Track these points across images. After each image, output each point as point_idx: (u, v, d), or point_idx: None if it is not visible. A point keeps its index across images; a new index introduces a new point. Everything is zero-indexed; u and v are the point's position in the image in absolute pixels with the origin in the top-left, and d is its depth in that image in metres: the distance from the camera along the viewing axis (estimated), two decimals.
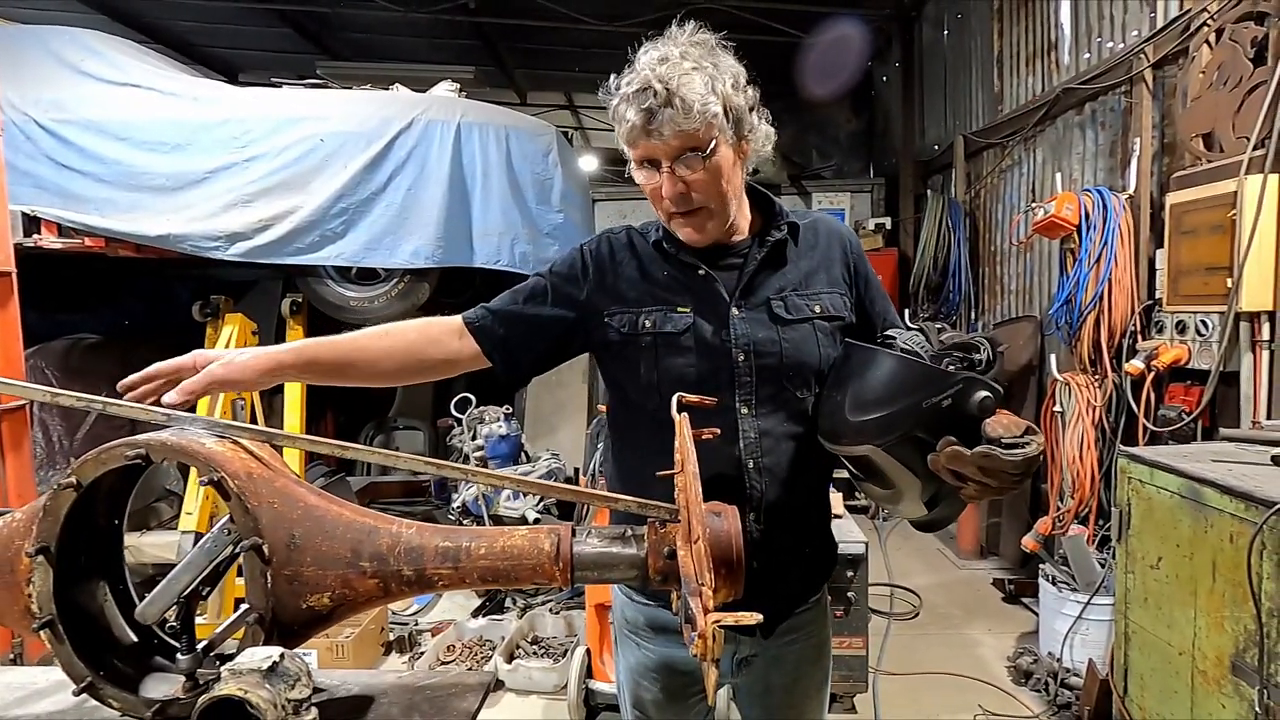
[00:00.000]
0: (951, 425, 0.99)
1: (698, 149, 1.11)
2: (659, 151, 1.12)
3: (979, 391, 0.99)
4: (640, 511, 0.92)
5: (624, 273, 1.26)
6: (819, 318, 1.23)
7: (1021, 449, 0.95)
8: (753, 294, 1.22)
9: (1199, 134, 2.74)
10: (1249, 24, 2.55)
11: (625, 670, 1.39)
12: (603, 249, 1.29)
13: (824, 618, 1.38)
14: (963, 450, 0.97)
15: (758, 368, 1.19)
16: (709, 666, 0.71)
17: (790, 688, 1.33)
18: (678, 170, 1.12)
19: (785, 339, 1.20)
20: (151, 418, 0.97)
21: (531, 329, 1.26)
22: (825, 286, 1.26)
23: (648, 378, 1.21)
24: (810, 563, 1.33)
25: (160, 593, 0.91)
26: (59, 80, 3.51)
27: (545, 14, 5.71)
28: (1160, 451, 2.26)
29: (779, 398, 1.20)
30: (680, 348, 1.20)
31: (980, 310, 5.04)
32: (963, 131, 5.11)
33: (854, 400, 1.11)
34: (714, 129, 1.10)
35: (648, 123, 1.09)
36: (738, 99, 1.13)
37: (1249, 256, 2.44)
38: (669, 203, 1.16)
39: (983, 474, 0.97)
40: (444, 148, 3.69)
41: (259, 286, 4.23)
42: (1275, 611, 1.67)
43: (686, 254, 1.23)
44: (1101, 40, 3.60)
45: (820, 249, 1.28)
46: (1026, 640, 3.33)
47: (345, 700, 1.02)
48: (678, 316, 1.21)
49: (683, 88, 1.07)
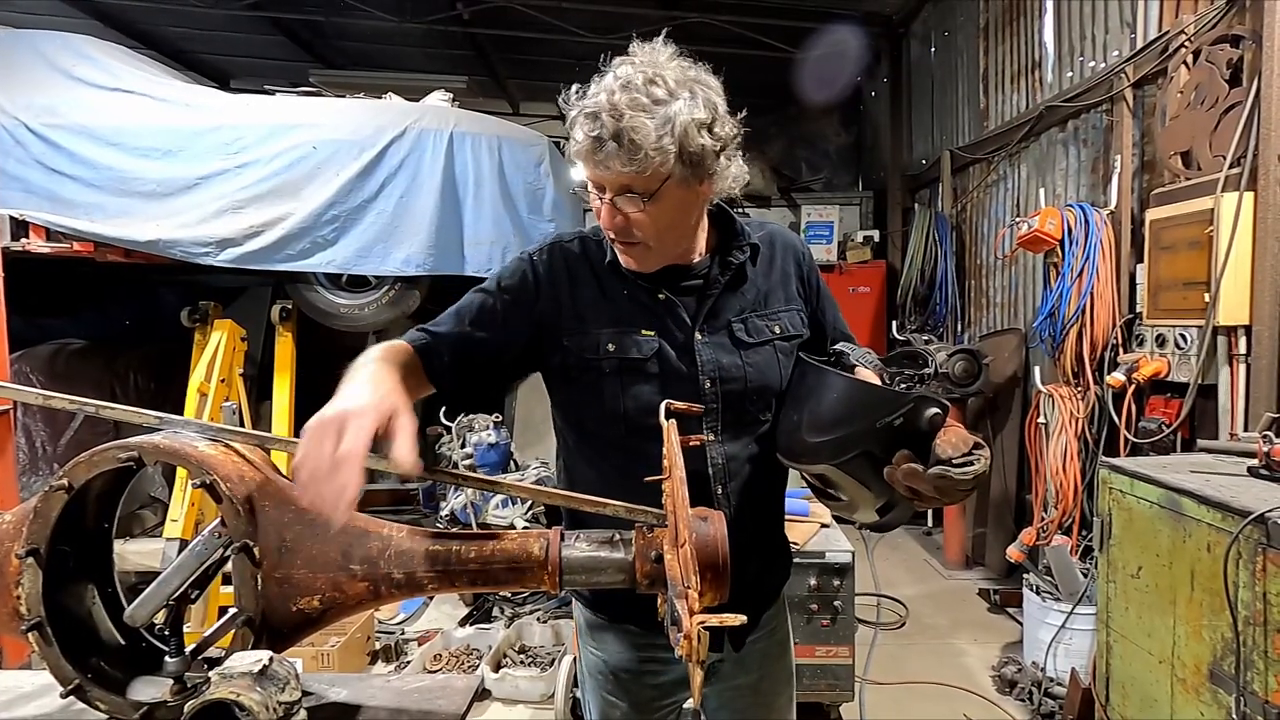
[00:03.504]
0: (904, 440, 1.04)
1: (638, 191, 1.05)
2: (603, 180, 1.07)
3: (929, 409, 1.03)
4: (628, 517, 0.94)
5: (580, 292, 1.19)
6: (779, 338, 1.23)
7: (971, 466, 1.01)
8: (715, 318, 1.19)
9: (1177, 152, 2.80)
10: (1225, 46, 2.62)
11: (591, 686, 1.38)
12: (555, 263, 1.21)
13: (783, 614, 1.40)
14: (918, 469, 1.01)
15: (723, 394, 1.18)
16: (694, 667, 0.72)
17: (757, 685, 1.35)
18: (618, 203, 1.07)
19: (749, 363, 1.19)
20: (142, 420, 0.98)
21: (478, 354, 1.17)
22: (783, 305, 1.26)
23: (612, 405, 1.16)
24: (773, 571, 1.36)
25: (150, 595, 0.92)
26: (50, 85, 3.51)
27: (539, 25, 5.75)
28: (1140, 462, 2.30)
29: (742, 421, 1.21)
30: (646, 374, 1.16)
31: (966, 323, 5.10)
32: (949, 147, 5.19)
33: (810, 422, 1.14)
34: (661, 175, 1.03)
35: (594, 151, 1.03)
36: (701, 140, 1.03)
37: (1225, 272, 2.50)
38: (608, 230, 1.12)
39: (938, 492, 1.02)
40: (436, 157, 3.70)
41: (248, 293, 4.22)
42: (1251, 620, 1.70)
43: (644, 276, 1.17)
44: (1084, 60, 3.68)
45: (777, 265, 1.27)
46: (1011, 650, 3.35)
47: (333, 704, 1.02)
48: (642, 341, 1.16)
49: (632, 128, 0.99)
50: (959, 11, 5.12)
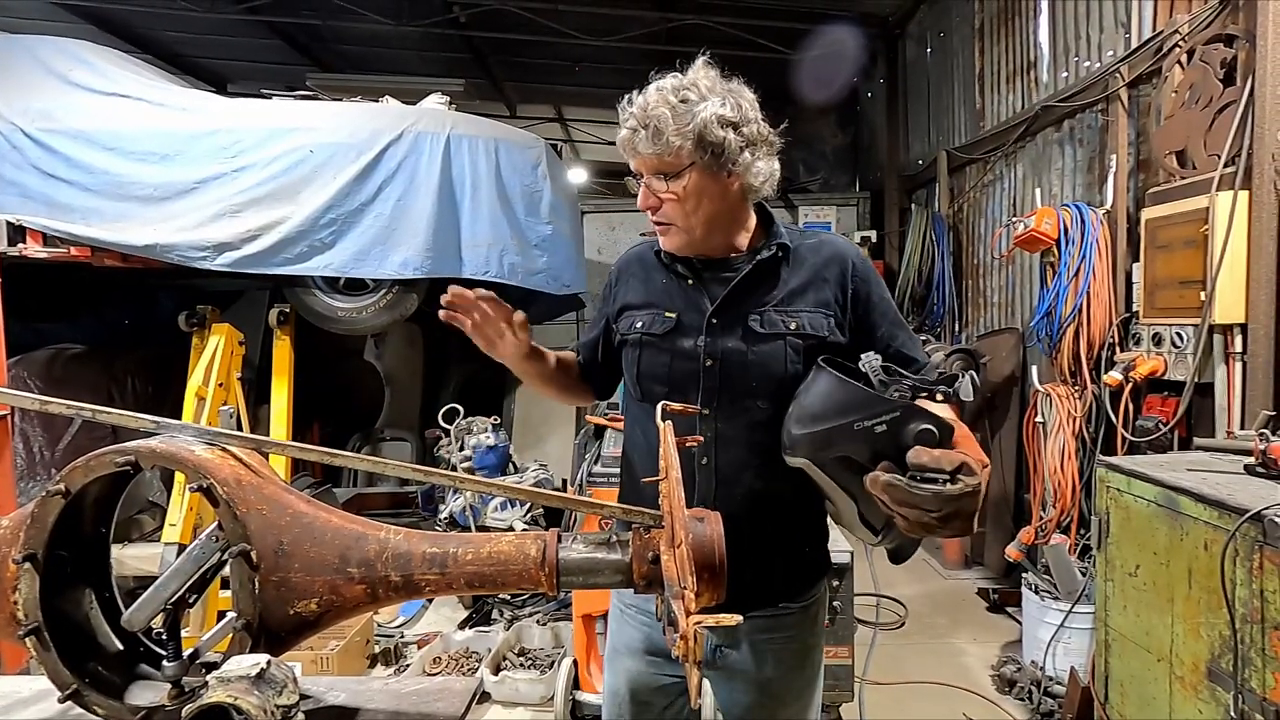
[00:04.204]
0: (896, 453, 1.00)
1: (664, 172, 1.25)
2: (639, 165, 1.28)
3: (918, 423, 0.99)
4: (625, 518, 0.94)
5: (632, 282, 1.43)
6: (793, 334, 1.28)
7: (933, 484, 0.94)
8: (733, 307, 1.30)
9: (1172, 151, 2.81)
10: (1218, 45, 2.62)
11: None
12: (626, 263, 1.48)
13: (809, 625, 1.40)
14: (878, 476, 0.98)
15: (723, 375, 1.29)
16: (691, 667, 0.73)
17: (764, 685, 1.36)
18: (651, 184, 1.27)
19: (753, 351, 1.28)
20: (139, 425, 0.98)
21: (596, 349, 1.50)
22: (809, 306, 1.30)
23: (631, 371, 1.38)
24: (769, 567, 1.33)
25: (147, 599, 0.92)
26: (47, 90, 3.51)
27: (535, 28, 5.76)
28: (1138, 461, 2.30)
29: (738, 405, 1.29)
30: (660, 348, 1.34)
31: (964, 322, 5.11)
32: (946, 147, 5.20)
33: (797, 413, 1.15)
34: (682, 159, 1.23)
35: (630, 139, 1.25)
36: (723, 134, 1.21)
37: (1221, 271, 2.50)
38: (644, 209, 1.31)
39: (896, 504, 0.97)
40: (433, 160, 3.71)
41: (246, 296, 4.22)
42: (1248, 617, 1.70)
43: (681, 265, 1.35)
44: (1079, 60, 3.69)
45: (815, 270, 1.32)
46: (1010, 649, 3.36)
47: (331, 707, 1.03)
48: (664, 320, 1.34)
49: (655, 118, 1.21)
50: (954, 12, 5.13)
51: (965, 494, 0.95)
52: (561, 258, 4.13)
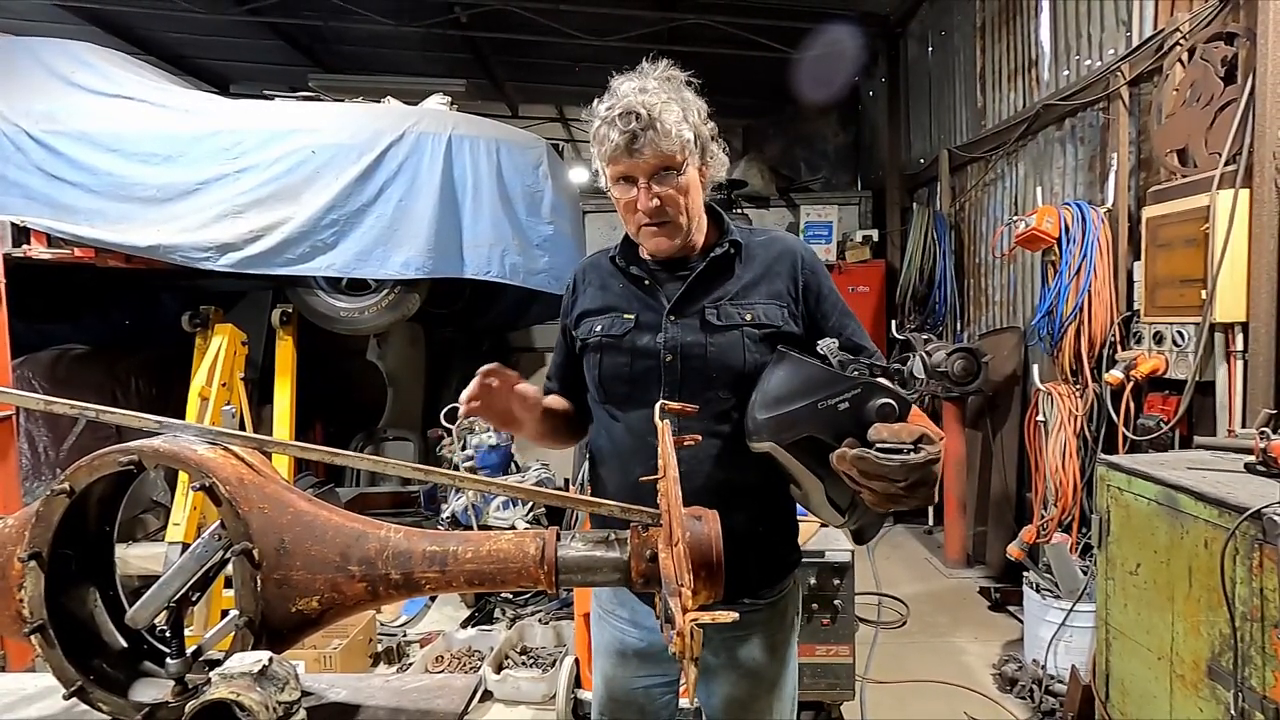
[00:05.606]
0: (857, 430, 1.03)
1: (672, 168, 1.27)
2: (638, 169, 1.27)
3: (878, 398, 1.02)
4: (624, 516, 0.94)
5: (590, 289, 1.45)
6: (749, 325, 1.32)
7: (899, 454, 0.99)
8: (690, 302, 1.34)
9: (1173, 149, 2.81)
10: (1219, 44, 2.62)
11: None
12: (583, 271, 1.48)
13: (779, 621, 1.40)
14: (845, 451, 1.01)
15: (684, 369, 1.31)
16: (688, 664, 0.73)
17: (737, 682, 1.38)
18: (654, 186, 1.27)
19: (712, 343, 1.31)
20: (143, 425, 0.99)
21: (568, 368, 1.49)
22: (763, 298, 1.34)
23: (593, 374, 1.39)
24: (741, 560, 1.34)
25: (151, 597, 0.93)
26: (50, 91, 3.53)
27: (536, 28, 5.77)
28: (1138, 460, 2.31)
29: (700, 397, 1.28)
30: (620, 349, 1.36)
31: (965, 321, 5.11)
32: (947, 146, 5.19)
33: (761, 398, 1.17)
34: (686, 152, 1.27)
35: (631, 143, 1.24)
36: (704, 129, 1.31)
37: (1222, 269, 2.50)
38: (643, 215, 1.30)
39: (863, 476, 1.01)
40: (435, 160, 3.72)
41: (249, 297, 4.23)
42: (1248, 616, 1.70)
43: (636, 268, 1.39)
44: (1080, 58, 3.68)
45: (767, 264, 1.37)
46: (1012, 648, 3.36)
47: (333, 703, 1.03)
48: (623, 322, 1.37)
49: (663, 114, 1.23)
50: (955, 11, 5.13)
51: (929, 461, 1.00)
52: (563, 257, 4.14)
